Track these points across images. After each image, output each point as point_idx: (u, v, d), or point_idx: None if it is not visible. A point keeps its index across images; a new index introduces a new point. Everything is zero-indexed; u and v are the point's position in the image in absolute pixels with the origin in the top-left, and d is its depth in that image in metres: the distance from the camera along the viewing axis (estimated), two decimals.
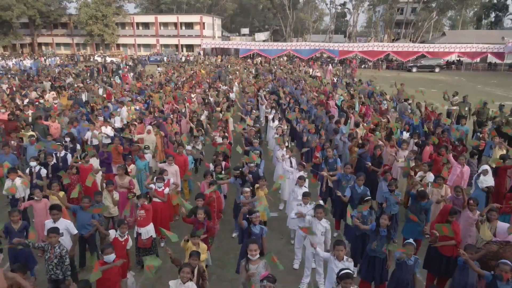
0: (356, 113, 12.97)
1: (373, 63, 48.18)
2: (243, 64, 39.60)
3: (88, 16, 53.04)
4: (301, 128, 11.16)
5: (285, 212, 8.09)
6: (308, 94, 16.93)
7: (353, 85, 20.75)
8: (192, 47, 59.19)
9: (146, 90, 18.46)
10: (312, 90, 17.99)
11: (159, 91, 18.19)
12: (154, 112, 13.14)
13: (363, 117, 12.65)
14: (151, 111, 12.89)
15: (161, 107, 14.08)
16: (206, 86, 20.09)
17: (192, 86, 18.91)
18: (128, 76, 25.23)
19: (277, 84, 20.98)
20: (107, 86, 18.73)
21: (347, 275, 4.13)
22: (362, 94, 16.82)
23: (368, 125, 11.05)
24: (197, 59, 44.76)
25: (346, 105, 14.24)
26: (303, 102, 15.84)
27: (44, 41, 62.23)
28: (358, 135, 10.43)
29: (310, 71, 34.35)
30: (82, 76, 24.11)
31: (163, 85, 20.20)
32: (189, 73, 26.84)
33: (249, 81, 22.61)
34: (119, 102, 13.73)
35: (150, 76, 24.31)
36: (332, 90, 17.58)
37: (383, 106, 14.29)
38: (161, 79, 22.80)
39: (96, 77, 23.98)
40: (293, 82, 22.19)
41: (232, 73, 27.99)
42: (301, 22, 67.93)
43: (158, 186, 6.81)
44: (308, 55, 49.10)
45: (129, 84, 21.86)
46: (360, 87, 19.01)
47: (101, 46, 59.17)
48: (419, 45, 46.84)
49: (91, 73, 29.17)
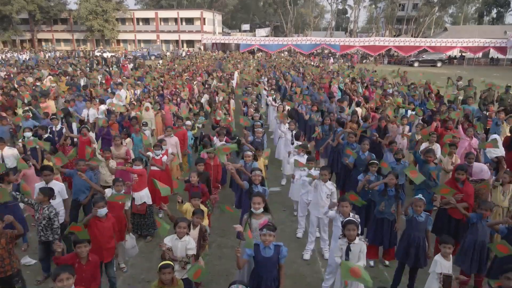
0: (360, 95, 12.70)
1: (375, 58, 47.89)
2: (244, 56, 39.37)
3: (88, 11, 52.79)
4: (304, 109, 10.88)
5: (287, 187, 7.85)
6: (308, 79, 16.68)
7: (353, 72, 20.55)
8: (193, 43, 58.93)
9: (145, 78, 18.25)
10: (314, 78, 17.73)
11: (159, 78, 17.97)
12: (154, 95, 12.93)
13: (367, 100, 12.41)
14: (150, 94, 12.66)
15: (160, 90, 13.85)
16: (206, 76, 19.87)
17: (193, 75, 18.66)
18: (127, 66, 24.99)
19: (278, 72, 20.73)
20: (106, 73, 18.48)
21: (349, 221, 3.96)
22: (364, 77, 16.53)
23: (369, 104, 10.79)
24: (195, 55, 44.42)
25: (348, 88, 14.00)
26: (303, 87, 15.59)
27: (44, 37, 61.99)
28: (359, 113, 10.21)
29: (311, 63, 34.13)
30: (80, 66, 23.87)
31: (164, 74, 19.97)
32: (188, 64, 26.61)
33: (250, 70, 22.36)
34: (117, 84, 13.47)
35: (148, 67, 24.09)
36: (336, 76, 17.37)
37: (387, 90, 14.03)
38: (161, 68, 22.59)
39: (96, 66, 23.73)
40: (293, 69, 22.00)
41: (233, 64, 27.75)
42: (302, 18, 67.66)
43: (156, 154, 6.56)
44: (309, 50, 48.86)
45: (128, 73, 21.63)
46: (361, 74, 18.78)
47: (101, 42, 58.95)
48: (420, 40, 46.57)
49: (91, 64, 28.99)
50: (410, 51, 45.84)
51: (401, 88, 13.35)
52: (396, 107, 10.61)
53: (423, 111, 9.82)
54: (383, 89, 14.28)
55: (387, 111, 8.99)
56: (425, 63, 43.43)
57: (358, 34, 63.61)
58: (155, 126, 9.98)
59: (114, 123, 9.00)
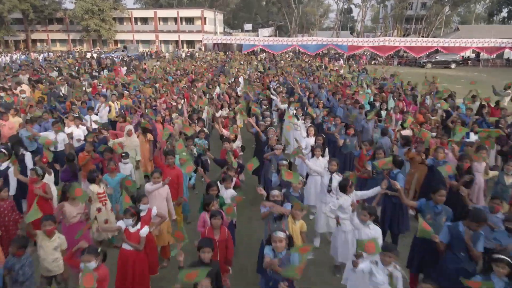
0: (397, 109, 10.31)
1: (384, 59, 45.57)
2: (248, 59, 36.99)
3: (84, 10, 50.47)
4: (334, 129, 8.49)
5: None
6: (325, 85, 14.30)
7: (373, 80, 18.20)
8: (193, 43, 56.62)
9: (137, 84, 15.95)
10: (333, 85, 15.34)
11: (153, 85, 15.67)
12: (145, 105, 10.61)
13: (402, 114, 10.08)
14: (139, 106, 10.33)
15: (153, 101, 11.54)
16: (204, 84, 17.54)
17: (193, 81, 16.34)
18: (121, 69, 22.65)
19: (287, 77, 18.35)
20: (91, 79, 16.15)
21: None
22: (393, 88, 14.13)
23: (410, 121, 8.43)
24: (193, 55, 41.83)
25: (378, 100, 11.65)
26: (321, 96, 13.28)
27: (39, 37, 59.72)
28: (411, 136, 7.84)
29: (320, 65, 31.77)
30: (67, 70, 21.52)
31: (159, 79, 17.68)
32: (188, 66, 24.25)
33: (256, 73, 19.99)
34: (101, 96, 11.13)
35: (144, 70, 21.77)
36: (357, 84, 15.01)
37: (426, 101, 11.67)
38: (156, 72, 20.27)
39: (84, 71, 21.35)
40: (305, 75, 19.64)
41: (236, 67, 25.41)
42: (307, 17, 65.22)
43: (128, 224, 4.22)
44: (315, 51, 46.58)
45: (121, 76, 19.23)
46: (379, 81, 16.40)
47: (98, 42, 56.66)
48: (433, 40, 44.17)
49: (83, 67, 26.64)
50: (421, 52, 43.51)
51: (442, 103, 10.98)
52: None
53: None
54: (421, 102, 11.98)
55: (457, 138, 6.62)
56: (438, 65, 41.19)
57: (364, 34, 61.18)
58: (140, 156, 7.61)
59: (86, 155, 6.64)
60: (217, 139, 11.08)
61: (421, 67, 41.54)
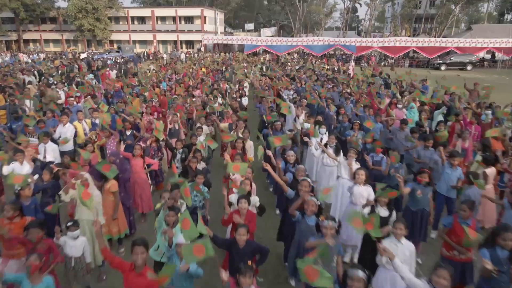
0: (466, 135, 7.72)
1: (394, 60, 43.06)
2: (251, 60, 34.41)
3: (77, 9, 47.87)
4: (384, 165, 5.99)
5: None
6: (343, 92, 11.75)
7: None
8: (193, 44, 54.04)
9: (125, 92, 13.41)
10: (359, 95, 12.76)
11: (142, 94, 13.11)
12: (124, 126, 8.06)
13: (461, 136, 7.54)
14: (110, 132, 7.75)
15: (138, 118, 8.97)
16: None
17: (188, 88, 13.78)
18: (110, 73, 20.04)
19: (300, 83, 15.77)
20: (74, 86, 13.56)
21: None
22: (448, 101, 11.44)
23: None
24: (190, 57, 38.92)
25: (425, 117, 9.07)
26: (347, 110, 10.72)
27: (31, 37, 57.18)
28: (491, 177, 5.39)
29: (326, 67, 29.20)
30: (47, 75, 18.91)
31: (152, 86, 15.13)
32: (186, 71, 21.66)
33: (263, 79, 17.38)
34: (64, 113, 8.42)
35: (134, 74, 19.20)
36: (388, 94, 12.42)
37: (485, 118, 9.09)
38: (148, 77, 17.70)
39: (62, 77, 18.68)
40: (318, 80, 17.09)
41: (240, 68, 22.85)
42: (311, 16, 62.56)
43: None
44: (322, 52, 44.07)
45: (110, 83, 16.62)
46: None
47: (93, 42, 54.08)
48: (447, 40, 41.58)
49: (71, 70, 24.05)
50: (434, 53, 41.02)
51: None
52: None
53: None
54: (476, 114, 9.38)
55: None
56: (453, 66, 38.64)
57: (372, 34, 58.59)
58: (101, 214, 4.98)
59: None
60: (219, 166, 8.55)
61: (434, 68, 39.02)
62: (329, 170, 6.96)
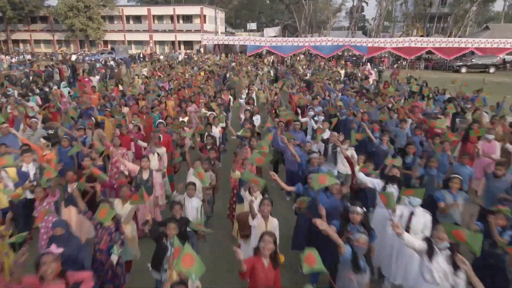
0: None
1: (408, 62, 39.92)
2: (255, 62, 31.18)
3: (68, 7, 44.69)
4: None
5: None
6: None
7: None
8: (191, 44, 50.87)
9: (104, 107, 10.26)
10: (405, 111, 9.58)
11: (120, 112, 9.93)
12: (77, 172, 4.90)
13: None
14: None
15: (99, 159, 5.82)
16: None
17: (181, 103, 10.59)
18: (90, 80, 16.80)
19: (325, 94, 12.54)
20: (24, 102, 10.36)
21: None
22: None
23: None
24: (184, 62, 35.40)
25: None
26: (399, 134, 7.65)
27: (21, 38, 54.01)
28: None
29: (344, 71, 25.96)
30: (17, 82, 15.74)
31: (136, 99, 11.94)
32: (180, 76, 18.45)
33: (274, 90, 14.14)
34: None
35: (118, 83, 15.99)
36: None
37: None
38: (135, 87, 14.49)
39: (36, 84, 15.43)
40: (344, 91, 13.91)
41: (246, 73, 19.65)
42: (316, 15, 59.26)
43: None
44: (331, 53, 40.82)
45: (87, 95, 13.39)
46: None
47: (85, 43, 50.90)
48: (467, 40, 38.32)
49: (48, 75, 20.86)
50: (453, 54, 37.82)
51: None
52: None
53: None
54: None
55: None
56: (474, 69, 35.46)
57: (381, 34, 55.34)
58: None
59: None
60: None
61: (454, 71, 35.86)
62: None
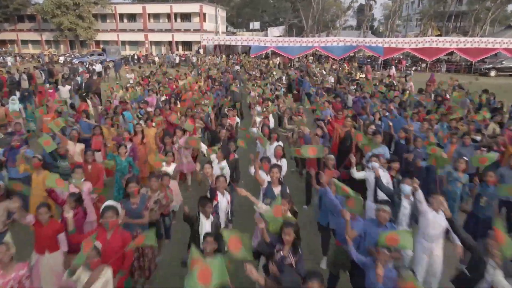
0: None
1: (427, 65, 36.27)
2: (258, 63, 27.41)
3: (55, 4, 40.97)
4: None
5: None
6: None
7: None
8: (190, 45, 47.12)
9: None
10: None
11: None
12: None
13: None
14: None
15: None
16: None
17: (164, 135, 6.88)
18: (54, 93, 13.00)
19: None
20: None
21: None
22: None
23: None
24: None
25: None
26: None
27: (8, 38, 50.27)
28: None
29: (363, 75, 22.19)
30: None
31: (111, 117, 8.26)
32: (172, 85, 14.67)
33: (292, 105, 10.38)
34: None
35: (95, 95, 12.24)
36: None
37: None
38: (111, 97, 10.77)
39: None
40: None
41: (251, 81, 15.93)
42: (323, 14, 55.43)
43: None
44: (343, 54, 37.11)
45: (50, 112, 9.64)
46: None
47: (76, 43, 47.17)
48: (494, 40, 34.56)
49: (11, 82, 17.13)
50: (478, 56, 34.06)
51: None
52: None
53: None
54: None
55: None
56: (504, 72, 31.86)
57: (394, 34, 51.60)
58: None
59: None
60: None
61: (482, 74, 32.17)
62: None
